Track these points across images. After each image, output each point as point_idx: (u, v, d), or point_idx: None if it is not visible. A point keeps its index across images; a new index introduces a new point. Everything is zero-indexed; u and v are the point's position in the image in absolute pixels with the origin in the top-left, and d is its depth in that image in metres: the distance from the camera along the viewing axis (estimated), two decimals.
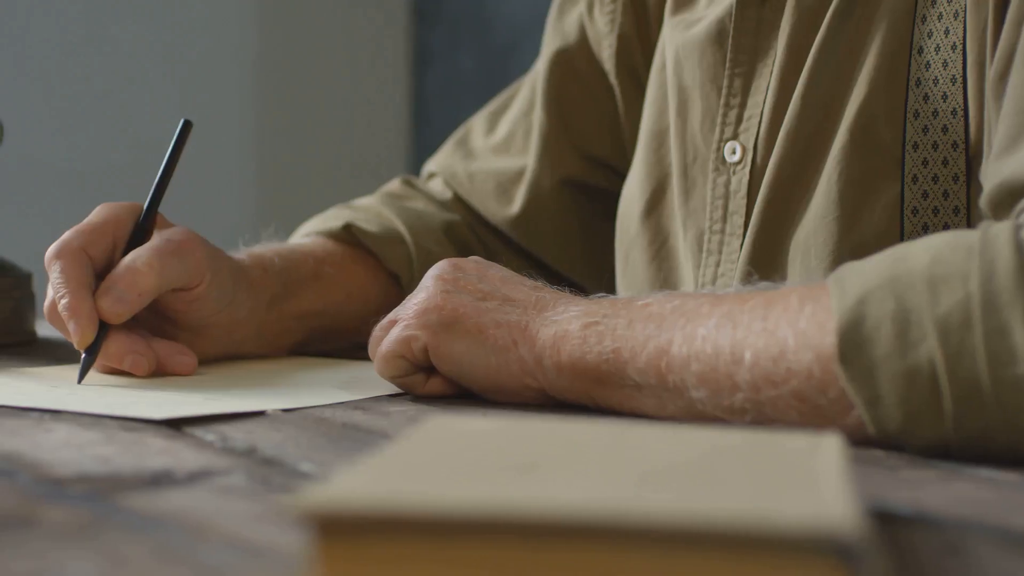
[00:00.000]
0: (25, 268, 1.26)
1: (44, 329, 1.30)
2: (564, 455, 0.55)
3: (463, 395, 0.93)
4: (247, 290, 1.09)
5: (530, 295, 0.91)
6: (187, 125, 1.05)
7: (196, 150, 3.08)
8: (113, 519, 0.57)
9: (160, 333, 1.05)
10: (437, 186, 1.34)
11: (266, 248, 1.16)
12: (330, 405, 0.89)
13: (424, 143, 3.38)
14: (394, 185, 1.35)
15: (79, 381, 0.97)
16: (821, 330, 0.75)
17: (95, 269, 1.01)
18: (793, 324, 0.76)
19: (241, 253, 1.13)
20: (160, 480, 0.65)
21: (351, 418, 0.85)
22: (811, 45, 1.01)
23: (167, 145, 1.05)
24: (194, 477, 0.66)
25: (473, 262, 0.94)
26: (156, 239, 1.02)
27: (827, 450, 0.56)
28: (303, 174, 3.30)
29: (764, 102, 1.04)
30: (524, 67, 1.46)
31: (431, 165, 1.36)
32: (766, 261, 1.01)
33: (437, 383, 0.93)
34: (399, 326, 0.92)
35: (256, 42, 3.27)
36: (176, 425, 0.80)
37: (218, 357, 1.10)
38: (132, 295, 0.99)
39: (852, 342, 0.73)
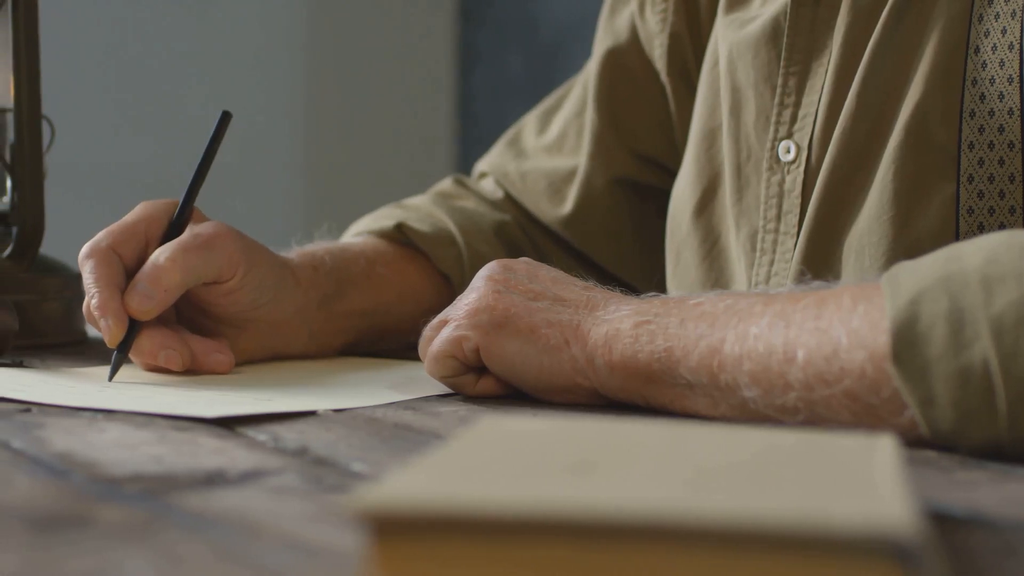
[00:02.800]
0: (76, 268, 1.26)
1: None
2: (618, 455, 0.55)
3: (513, 395, 0.93)
4: (294, 287, 1.09)
5: (581, 295, 0.90)
6: (226, 116, 1.05)
7: (245, 151, 3.07)
8: (168, 518, 0.57)
9: (204, 330, 1.06)
10: (488, 186, 1.34)
11: (317, 247, 1.16)
12: (381, 405, 0.89)
13: (470, 143, 3.38)
14: (445, 184, 1.35)
15: (110, 378, 0.98)
16: (874, 329, 0.74)
17: (127, 268, 1.01)
18: (846, 323, 0.76)
19: (292, 252, 1.14)
20: (213, 480, 0.65)
21: (402, 418, 0.85)
22: (867, 44, 1.00)
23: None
24: (247, 477, 0.66)
25: (524, 263, 0.94)
26: (185, 234, 1.03)
27: (882, 451, 0.56)
28: (351, 174, 3.31)
29: (819, 101, 1.03)
30: (570, 67, 1.45)
31: (482, 165, 1.36)
32: (820, 260, 1.01)
33: (488, 383, 0.93)
34: (450, 326, 0.92)
35: (304, 43, 3.28)
36: (228, 425, 0.80)
37: (268, 356, 1.10)
38: (157, 291, 0.99)
39: (906, 341, 0.73)
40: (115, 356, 0.99)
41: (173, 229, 1.04)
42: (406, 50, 3.42)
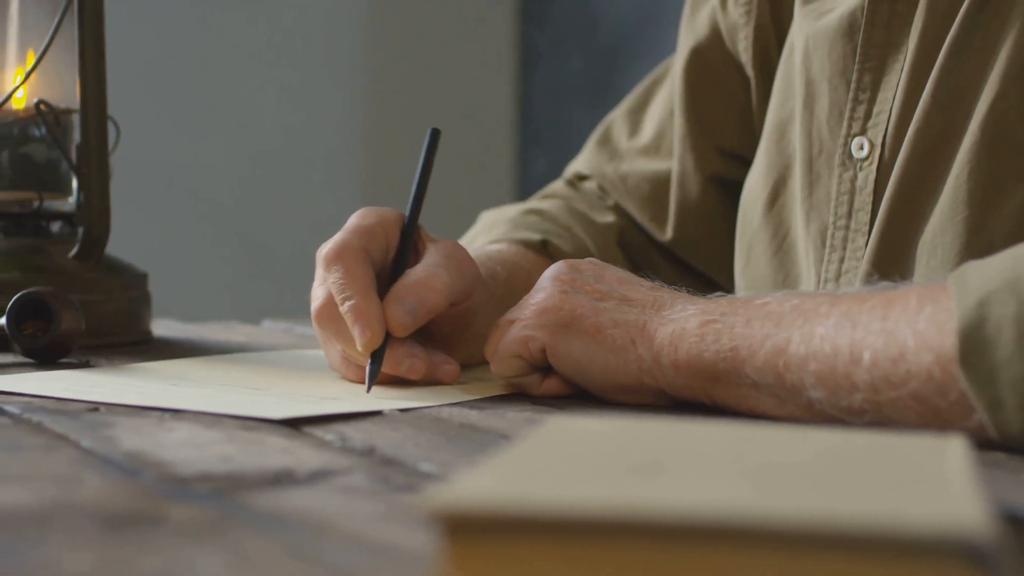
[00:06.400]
0: (140, 268, 1.27)
1: (159, 328, 1.32)
2: (687, 456, 0.55)
3: (579, 395, 0.93)
4: (491, 302, 1.06)
5: (647, 295, 0.90)
6: (436, 133, 1.04)
7: (306, 152, 3.07)
8: (238, 517, 0.58)
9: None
10: (594, 189, 1.32)
11: (486, 255, 1.13)
12: (447, 405, 0.89)
13: (530, 144, 3.38)
14: (559, 187, 1.33)
15: (367, 390, 0.94)
16: (941, 331, 0.74)
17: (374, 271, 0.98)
18: (913, 325, 0.75)
19: None
20: (282, 479, 0.66)
21: (468, 418, 0.85)
22: (944, 41, 0.98)
23: (280, 146, 1.05)
24: (315, 476, 0.66)
25: (590, 263, 0.94)
26: (439, 256, 0.99)
27: (953, 451, 0.55)
28: (410, 175, 3.31)
29: (894, 98, 1.02)
30: (630, 68, 1.45)
31: (579, 166, 1.33)
32: (891, 259, 0.99)
33: (553, 383, 0.93)
34: (517, 326, 0.92)
35: (364, 44, 3.29)
36: (295, 424, 0.81)
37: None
38: (422, 310, 0.95)
39: (973, 344, 0.72)
40: (371, 366, 0.95)
41: (406, 242, 1.00)
42: (466, 51, 3.43)
